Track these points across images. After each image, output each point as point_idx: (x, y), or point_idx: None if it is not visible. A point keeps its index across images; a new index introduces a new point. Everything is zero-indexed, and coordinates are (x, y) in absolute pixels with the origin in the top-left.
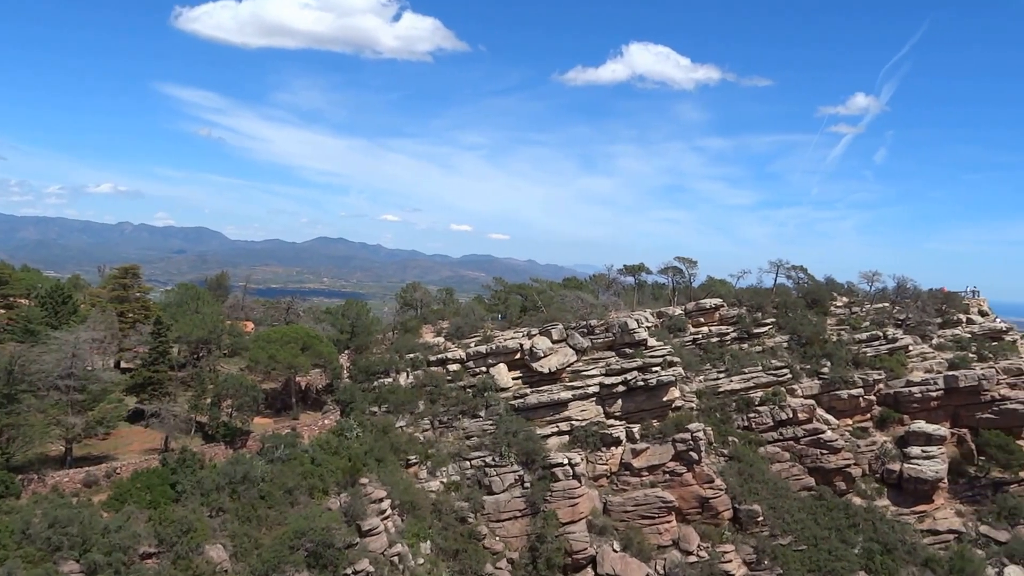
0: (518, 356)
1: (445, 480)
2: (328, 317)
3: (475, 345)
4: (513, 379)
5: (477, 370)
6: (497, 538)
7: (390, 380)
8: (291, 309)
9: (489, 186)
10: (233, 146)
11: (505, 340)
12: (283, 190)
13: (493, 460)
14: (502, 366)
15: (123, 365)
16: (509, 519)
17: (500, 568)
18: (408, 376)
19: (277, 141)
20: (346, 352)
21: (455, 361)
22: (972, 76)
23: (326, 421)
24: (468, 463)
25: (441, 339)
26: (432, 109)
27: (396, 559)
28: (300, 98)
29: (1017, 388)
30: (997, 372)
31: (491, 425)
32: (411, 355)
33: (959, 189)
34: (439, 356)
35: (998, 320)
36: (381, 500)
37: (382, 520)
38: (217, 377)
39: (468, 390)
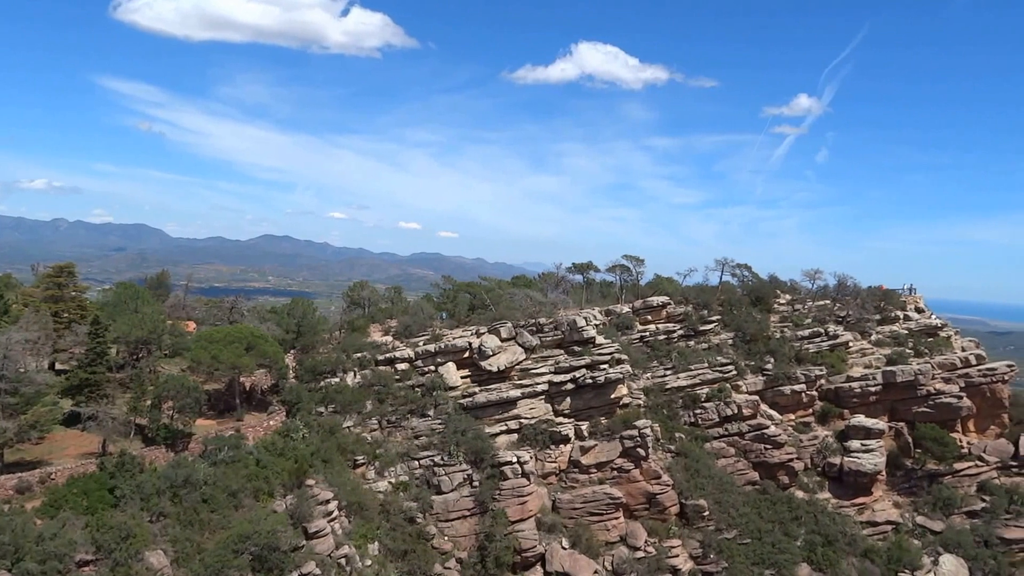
0: (467, 355)
1: (393, 480)
2: (273, 316)
3: (424, 344)
4: (462, 378)
5: (426, 369)
6: (446, 538)
7: (337, 380)
8: (235, 308)
9: (438, 184)
10: (174, 141)
11: (454, 339)
12: (226, 186)
13: (442, 459)
14: (451, 365)
15: (58, 367)
16: (458, 518)
17: (449, 568)
18: (355, 376)
19: (220, 136)
20: (292, 352)
21: (403, 360)
22: (909, 79)
23: (271, 422)
24: (416, 463)
25: (389, 338)
26: (380, 106)
27: (343, 561)
28: (244, 92)
29: (951, 383)
30: (932, 367)
31: (440, 424)
32: (359, 354)
33: (897, 189)
34: (387, 355)
35: (933, 317)
36: (328, 501)
37: (329, 522)
38: (157, 378)
39: (416, 389)
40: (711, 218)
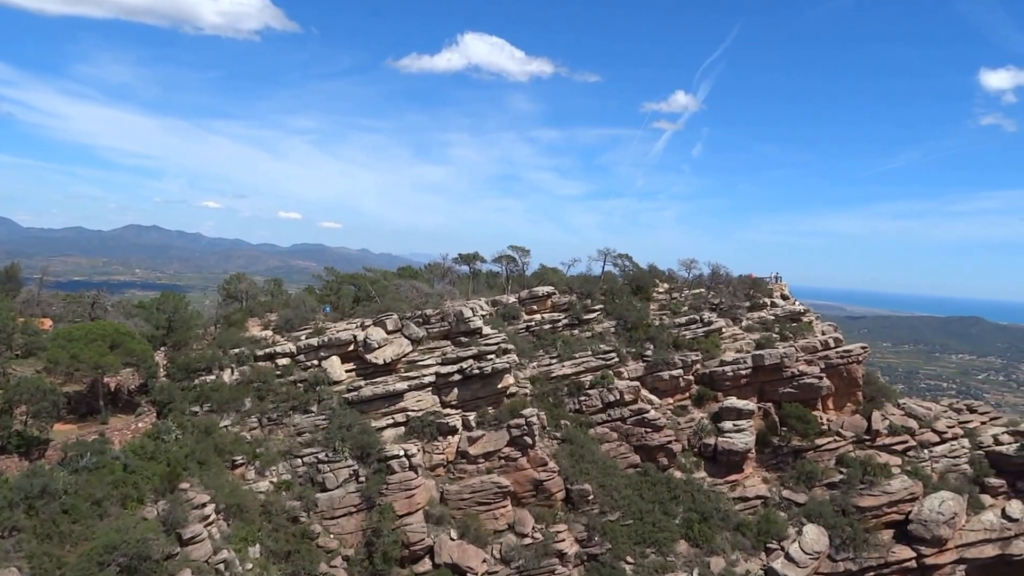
0: (351, 348)
1: (275, 480)
2: (141, 311)
3: (306, 338)
4: (347, 372)
5: (308, 364)
6: (331, 536)
7: (213, 377)
8: (97, 303)
9: (320, 172)
10: (25, 122)
11: (338, 332)
12: (86, 173)
13: (326, 456)
14: (335, 359)
15: None
16: (344, 515)
17: (335, 566)
18: (233, 372)
19: (78, 118)
20: (163, 349)
21: (284, 355)
22: (777, 79)
23: (140, 424)
24: (300, 460)
25: (269, 332)
26: (258, 91)
27: (222, 566)
28: (106, 72)
29: (813, 364)
30: (796, 350)
31: (324, 420)
32: (236, 350)
33: (764, 183)
34: (267, 350)
35: (797, 303)
36: (204, 505)
37: (205, 526)
38: (8, 381)
39: (299, 385)
40: (594, 209)
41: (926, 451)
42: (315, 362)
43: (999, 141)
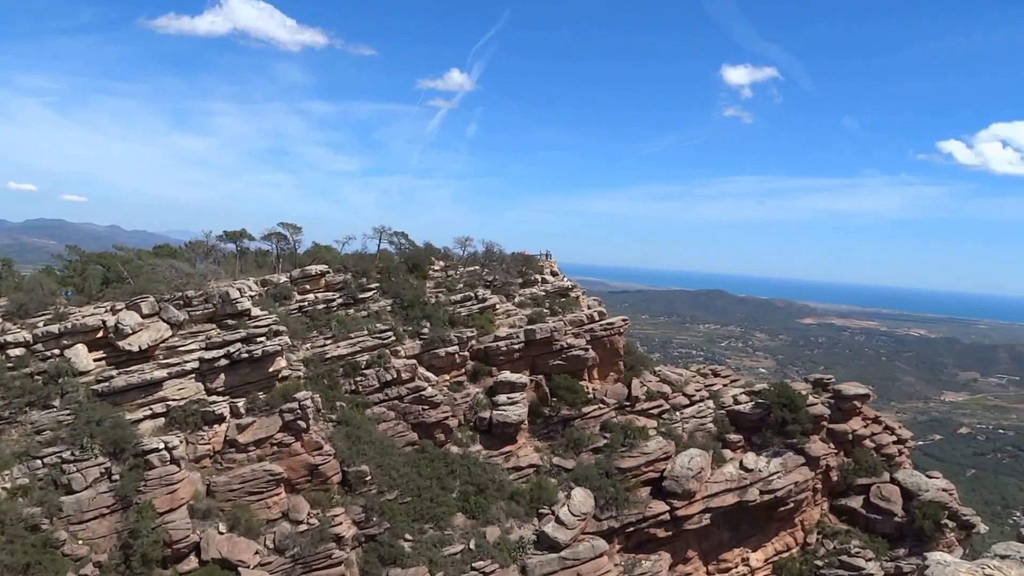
0: (100, 334)
1: (9, 485)
2: None
3: (44, 325)
4: (95, 360)
5: (48, 354)
6: (80, 541)
7: None
8: None
9: (60, 139)
10: None
11: (84, 317)
12: None
13: (72, 455)
14: (80, 347)
15: None
16: (95, 518)
17: (85, 574)
18: None
19: None
20: None
21: (18, 345)
22: (548, 62)
23: None
24: (39, 462)
25: None
26: None
27: None
28: None
29: (580, 337)
30: (565, 324)
31: (68, 415)
32: None
33: (536, 164)
34: None
35: (565, 279)
36: None
37: None
38: None
39: (36, 377)
40: (370, 186)
41: (678, 413)
42: (56, 351)
43: (739, 131)
